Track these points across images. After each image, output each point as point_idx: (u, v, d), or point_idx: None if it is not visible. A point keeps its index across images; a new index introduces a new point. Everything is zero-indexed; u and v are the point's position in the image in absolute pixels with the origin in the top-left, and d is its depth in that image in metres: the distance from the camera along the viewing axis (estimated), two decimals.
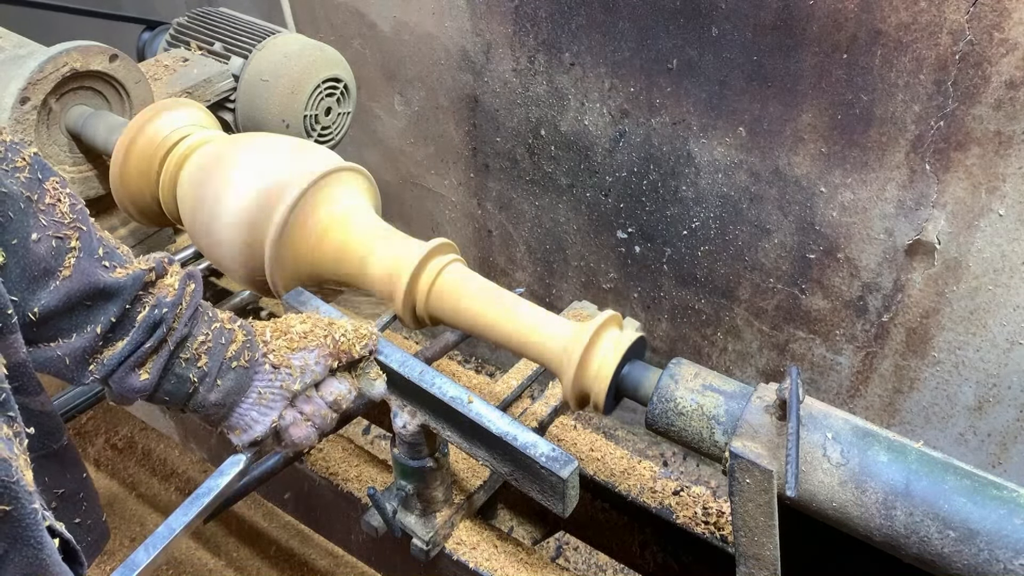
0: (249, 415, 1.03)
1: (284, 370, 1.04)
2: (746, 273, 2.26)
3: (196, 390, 0.99)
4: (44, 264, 0.88)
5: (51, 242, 0.88)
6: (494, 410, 1.12)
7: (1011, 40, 1.59)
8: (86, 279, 0.90)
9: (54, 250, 0.88)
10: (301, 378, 1.04)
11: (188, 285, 1.00)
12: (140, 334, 0.94)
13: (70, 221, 0.91)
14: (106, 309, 0.92)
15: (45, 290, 0.88)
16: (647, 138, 2.23)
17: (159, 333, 0.95)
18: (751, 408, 1.03)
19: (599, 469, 1.53)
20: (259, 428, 1.04)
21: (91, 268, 0.91)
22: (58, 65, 1.50)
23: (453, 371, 1.77)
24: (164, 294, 0.97)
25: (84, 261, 0.90)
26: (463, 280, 1.23)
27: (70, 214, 0.91)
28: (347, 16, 2.66)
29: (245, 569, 2.53)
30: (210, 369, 0.99)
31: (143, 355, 0.95)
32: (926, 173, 1.83)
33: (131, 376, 0.95)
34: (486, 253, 2.90)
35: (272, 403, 1.04)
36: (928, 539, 0.91)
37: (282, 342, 1.06)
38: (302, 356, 1.05)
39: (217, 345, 1.00)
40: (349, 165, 1.34)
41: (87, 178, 1.65)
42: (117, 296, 0.93)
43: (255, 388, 1.03)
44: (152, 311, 0.95)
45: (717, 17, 1.92)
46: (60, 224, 0.90)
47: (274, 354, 1.05)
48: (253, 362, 1.03)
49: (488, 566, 1.34)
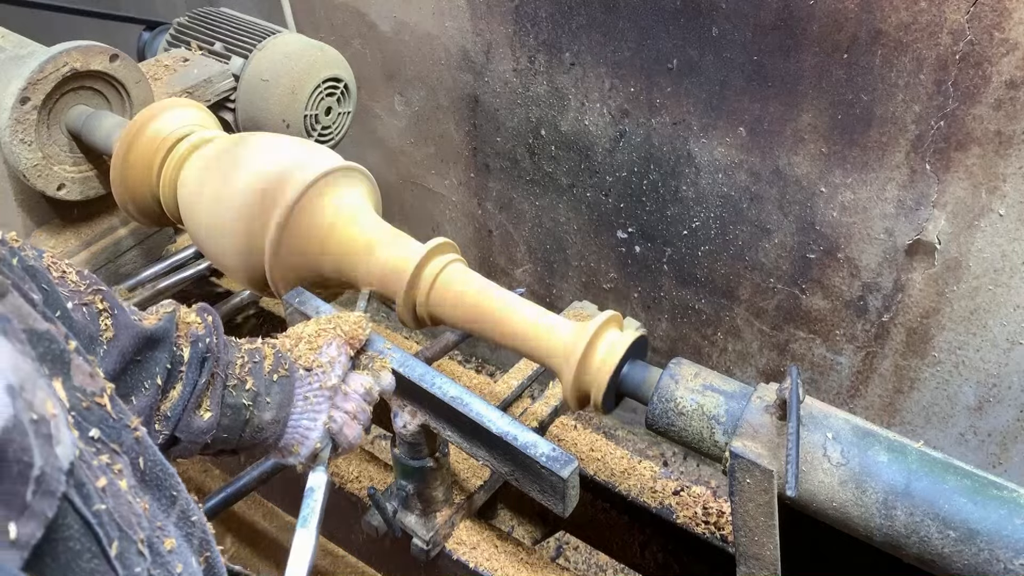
0: (301, 424, 1.04)
1: (317, 370, 1.06)
2: (746, 273, 2.26)
3: (252, 414, 0.99)
4: (88, 331, 0.84)
5: (82, 310, 0.84)
6: (494, 410, 1.12)
7: (1011, 40, 1.59)
8: (132, 331, 0.87)
9: (87, 316, 0.85)
10: (334, 371, 1.06)
11: (208, 317, 1.01)
12: (193, 373, 0.93)
13: (86, 288, 0.87)
14: (157, 359, 0.90)
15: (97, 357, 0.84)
16: (647, 138, 2.23)
17: (208, 366, 0.95)
18: (751, 408, 1.03)
19: (599, 469, 1.53)
20: (314, 435, 1.05)
21: (129, 321, 0.88)
22: (58, 65, 1.50)
23: (453, 371, 1.77)
24: (196, 330, 0.96)
25: (120, 316, 0.87)
26: (463, 280, 1.23)
27: (83, 282, 0.87)
28: (347, 16, 2.66)
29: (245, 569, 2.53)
30: (258, 388, 1.00)
31: (200, 393, 0.94)
32: (926, 173, 1.82)
33: (195, 419, 0.94)
34: (486, 253, 2.90)
35: (318, 405, 1.05)
36: (928, 539, 0.91)
37: (303, 346, 1.08)
38: (325, 352, 1.07)
39: (255, 364, 1.01)
40: (349, 165, 1.34)
41: (87, 178, 1.65)
42: (164, 340, 0.91)
43: (299, 394, 1.04)
44: (196, 347, 0.94)
45: (717, 17, 1.92)
46: (79, 292, 0.86)
47: (302, 359, 1.07)
48: (291, 369, 1.04)
49: (488, 566, 1.34)
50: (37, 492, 0.46)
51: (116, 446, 0.64)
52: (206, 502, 1.27)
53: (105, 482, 0.57)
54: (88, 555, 0.52)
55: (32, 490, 0.45)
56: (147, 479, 0.69)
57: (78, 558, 0.51)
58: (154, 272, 1.73)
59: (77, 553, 0.51)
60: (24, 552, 0.44)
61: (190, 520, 0.72)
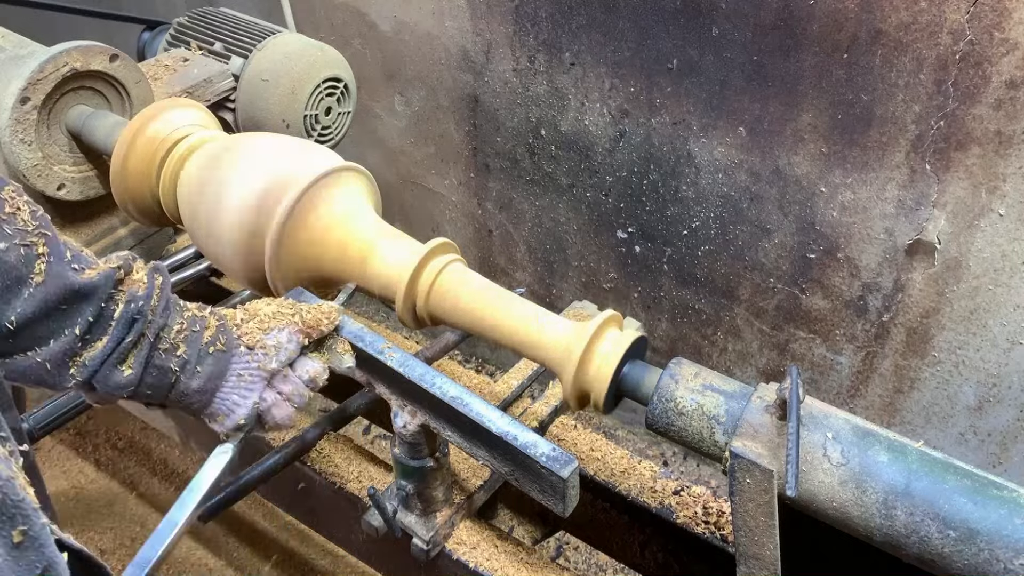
0: (230, 398, 1.05)
1: (259, 350, 1.06)
2: (746, 273, 2.26)
3: (178, 379, 1.01)
4: (16, 272, 0.88)
5: (19, 250, 0.89)
6: (494, 410, 1.12)
7: (1011, 40, 1.59)
8: (61, 281, 0.91)
9: (23, 258, 0.89)
10: (276, 356, 1.07)
11: (156, 278, 1.02)
12: (120, 330, 0.96)
13: (34, 228, 0.91)
14: (82, 310, 0.93)
15: (19, 298, 0.89)
16: (647, 138, 2.23)
17: (138, 327, 0.97)
18: (751, 408, 1.03)
19: (599, 469, 1.53)
20: (241, 411, 1.06)
21: (63, 271, 0.92)
22: (58, 65, 1.50)
23: (453, 371, 1.77)
24: (136, 289, 0.98)
25: (55, 265, 0.91)
26: (463, 280, 1.23)
27: (32, 221, 0.91)
28: (347, 16, 2.66)
29: (245, 569, 2.53)
30: (189, 356, 1.01)
31: (124, 351, 0.96)
32: (926, 173, 1.83)
33: (114, 373, 0.96)
34: (486, 253, 2.90)
35: (252, 384, 1.06)
36: (928, 539, 0.91)
37: (253, 324, 1.08)
38: (274, 335, 1.07)
39: (193, 333, 1.03)
40: (349, 165, 1.34)
41: (87, 178, 1.65)
42: (92, 296, 0.94)
43: (234, 371, 1.05)
44: (128, 306, 0.96)
45: (717, 17, 1.92)
46: (24, 232, 0.90)
47: (247, 336, 1.07)
48: (229, 344, 1.05)
49: (488, 566, 1.33)
50: None
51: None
52: (206, 502, 1.26)
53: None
54: None
55: None
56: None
57: None
58: None
59: None
60: None
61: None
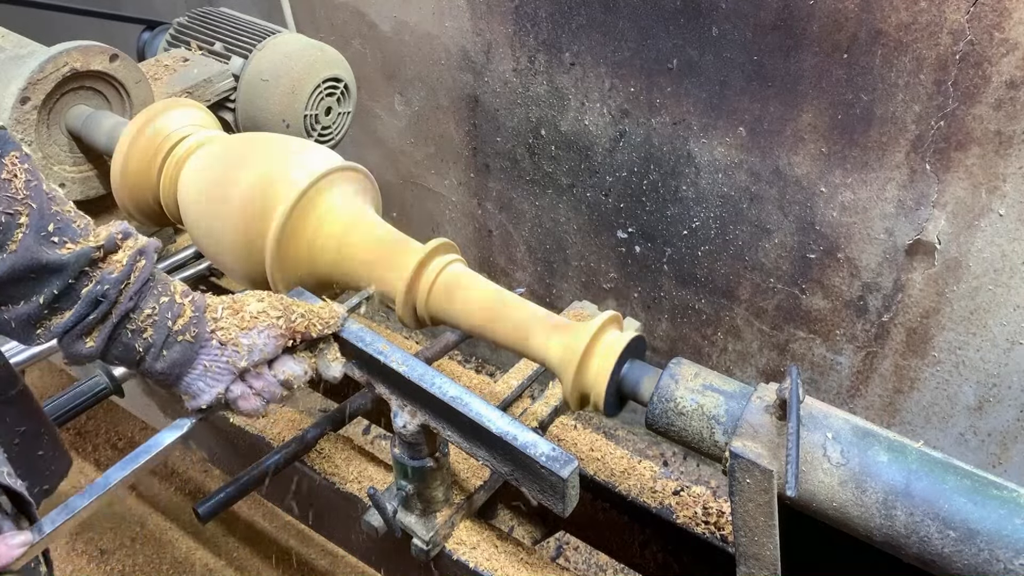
0: (196, 384, 1.08)
1: (231, 347, 1.08)
2: (746, 273, 2.26)
3: (143, 358, 1.04)
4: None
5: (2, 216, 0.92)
6: (494, 410, 1.11)
7: (1011, 40, 1.59)
8: (28, 255, 0.94)
9: (3, 225, 0.92)
10: (248, 356, 1.08)
11: (138, 261, 1.04)
12: (83, 307, 0.99)
13: (23, 197, 0.94)
14: (49, 282, 0.97)
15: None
16: (647, 138, 2.23)
17: (102, 307, 1.00)
18: (751, 408, 1.03)
19: (599, 469, 1.53)
20: (206, 397, 1.08)
21: (35, 246, 0.94)
22: (58, 65, 1.50)
23: (453, 371, 1.77)
24: (111, 270, 1.01)
25: (29, 238, 0.94)
26: (463, 280, 1.23)
27: (24, 190, 0.94)
28: (347, 16, 2.66)
29: (245, 569, 2.53)
30: (155, 341, 1.04)
31: (88, 325, 1.00)
32: (926, 173, 1.83)
33: (77, 343, 1.01)
34: (486, 253, 2.90)
35: (219, 376, 1.08)
36: (928, 539, 0.91)
37: (233, 321, 1.09)
38: (251, 336, 1.09)
39: (163, 319, 1.05)
40: (349, 165, 1.34)
41: (87, 178, 1.65)
42: (60, 272, 0.97)
43: (201, 361, 1.07)
44: (96, 286, 0.99)
45: (717, 17, 1.92)
46: (12, 199, 0.93)
47: (223, 332, 1.08)
48: (199, 337, 1.07)
49: (488, 566, 1.33)
50: None
51: None
52: (206, 502, 1.27)
53: None
54: None
55: None
56: None
57: None
58: None
59: None
60: None
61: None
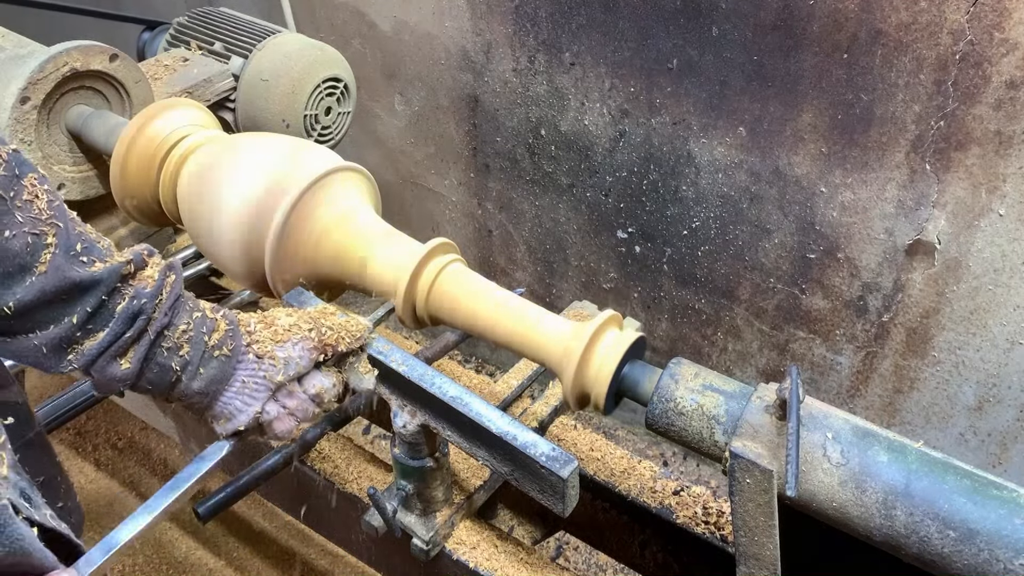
0: (232, 404, 1.04)
1: (268, 361, 1.05)
2: (746, 273, 2.26)
3: (179, 379, 1.00)
4: (19, 260, 0.89)
5: (27, 239, 0.90)
6: (494, 410, 1.12)
7: (1011, 40, 1.59)
8: (60, 275, 0.92)
9: (30, 246, 0.90)
10: (284, 370, 1.05)
11: (168, 276, 1.01)
12: (120, 324, 0.95)
13: (47, 217, 0.92)
14: (82, 301, 0.94)
15: (20, 285, 0.90)
16: (647, 138, 2.23)
17: (139, 323, 0.97)
18: (751, 408, 1.03)
19: (599, 469, 1.53)
20: (242, 417, 1.05)
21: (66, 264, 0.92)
22: (58, 65, 1.50)
23: (453, 371, 1.77)
24: (143, 285, 0.98)
25: (59, 258, 0.92)
26: (463, 280, 1.23)
27: (47, 211, 0.92)
28: (347, 16, 2.66)
29: (245, 569, 2.53)
30: (192, 358, 1.01)
31: (124, 345, 0.96)
32: (926, 173, 1.83)
33: (112, 365, 0.96)
34: (486, 253, 2.90)
35: (255, 393, 1.04)
36: (928, 539, 0.91)
37: (267, 334, 1.07)
38: (286, 348, 1.06)
39: (199, 334, 1.02)
40: (349, 165, 1.34)
41: (87, 178, 1.65)
42: (93, 289, 0.94)
43: (238, 377, 1.04)
44: (131, 302, 0.96)
45: (717, 17, 1.92)
46: (37, 220, 0.91)
47: (258, 345, 1.06)
48: (236, 351, 1.04)
49: (488, 566, 1.34)
50: None
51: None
52: (206, 502, 1.26)
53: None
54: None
55: None
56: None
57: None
58: None
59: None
60: None
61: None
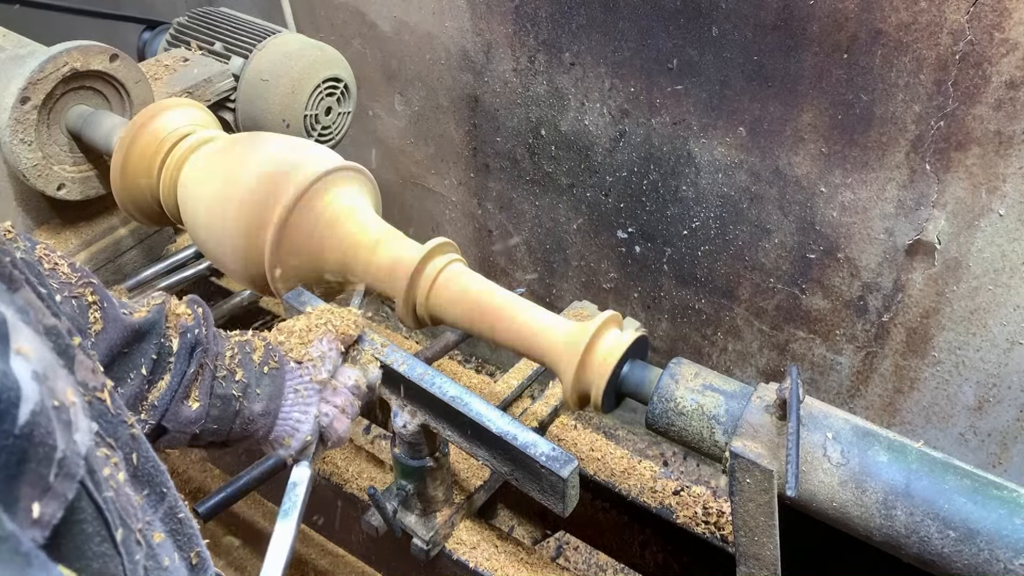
0: (292, 416, 1.04)
1: (307, 363, 1.06)
2: (746, 273, 2.26)
3: (242, 405, 1.00)
4: (77, 324, 0.85)
5: (71, 302, 0.86)
6: (494, 410, 1.12)
7: (1011, 40, 1.59)
8: (120, 324, 0.89)
9: (76, 310, 0.86)
10: (324, 366, 1.07)
11: (198, 309, 1.02)
12: (182, 363, 0.94)
13: (77, 280, 0.89)
14: (144, 350, 0.92)
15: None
16: (647, 138, 2.23)
17: (197, 356, 0.96)
18: (751, 408, 1.03)
19: (599, 469, 1.53)
20: (305, 427, 1.05)
21: (117, 314, 0.90)
22: (58, 65, 1.50)
23: (453, 371, 1.77)
24: (185, 321, 0.98)
25: (109, 309, 0.89)
26: (463, 280, 1.23)
27: (74, 274, 0.89)
28: (347, 16, 2.66)
29: (245, 569, 2.53)
30: (248, 380, 1.01)
31: (188, 383, 0.95)
32: (926, 173, 1.82)
33: (183, 408, 0.95)
34: (486, 253, 2.90)
35: (309, 398, 1.05)
36: (928, 539, 0.91)
37: (294, 339, 1.09)
38: (317, 346, 1.08)
39: (245, 356, 1.02)
40: (349, 164, 1.34)
41: (87, 178, 1.65)
42: (151, 332, 0.92)
43: (290, 387, 1.05)
44: (184, 337, 0.96)
45: (717, 17, 1.92)
46: (70, 285, 0.88)
47: (293, 352, 1.07)
48: (281, 362, 1.05)
49: (488, 566, 1.34)
50: (59, 475, 0.48)
51: (112, 440, 0.65)
52: (206, 502, 1.26)
53: (108, 472, 0.59)
54: (99, 538, 0.54)
55: (55, 472, 0.47)
56: (139, 475, 0.70)
57: (90, 540, 0.53)
58: (154, 272, 1.74)
59: (89, 536, 0.53)
60: (46, 531, 0.46)
61: (177, 517, 0.73)
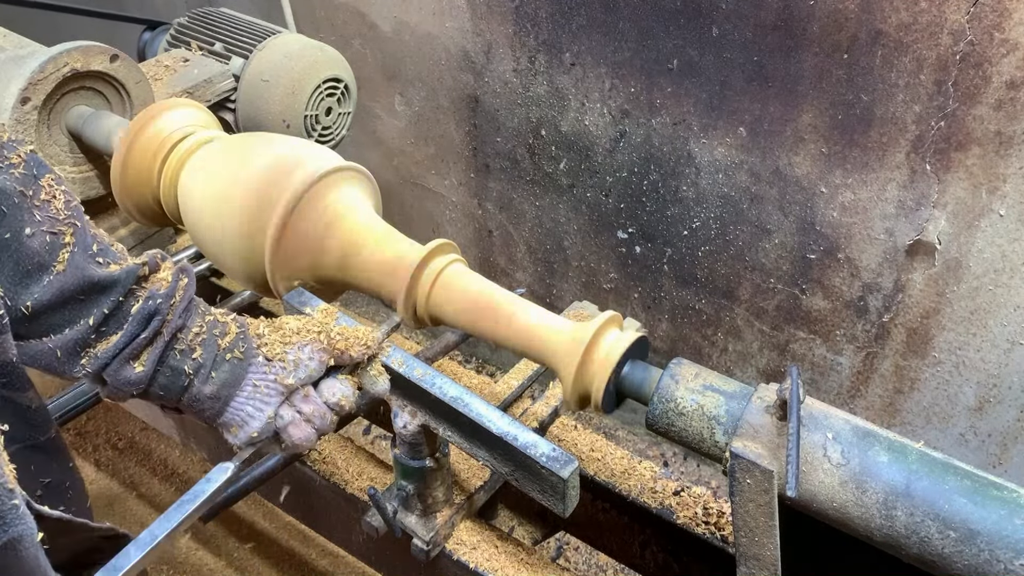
0: (244, 409, 1.02)
1: (278, 363, 1.03)
2: (746, 273, 2.26)
3: (191, 382, 0.99)
4: (38, 259, 0.89)
5: (45, 237, 0.90)
6: (494, 410, 1.12)
7: (1012, 40, 1.59)
8: (80, 273, 0.91)
9: (48, 245, 0.90)
10: (295, 372, 1.03)
11: (181, 279, 1.01)
12: (135, 326, 0.95)
13: (65, 217, 0.92)
14: (99, 302, 0.94)
15: (38, 285, 0.90)
16: (647, 138, 2.23)
17: (154, 324, 0.96)
18: (752, 408, 1.03)
19: (599, 469, 1.53)
20: (255, 423, 1.02)
21: (85, 263, 0.92)
22: (59, 65, 1.50)
23: (454, 371, 1.77)
24: (158, 287, 0.98)
25: (78, 256, 0.92)
26: (464, 280, 1.23)
27: (65, 211, 0.93)
28: (348, 16, 2.66)
29: (245, 569, 2.53)
30: (205, 360, 1.00)
31: (138, 347, 0.95)
32: (926, 173, 1.83)
33: (126, 368, 0.95)
34: (486, 253, 2.90)
35: (267, 397, 1.02)
36: (929, 539, 0.91)
37: (276, 337, 1.06)
38: (295, 351, 1.04)
39: (211, 336, 1.01)
40: (350, 165, 1.34)
41: (88, 178, 1.65)
42: (111, 289, 0.94)
43: (249, 380, 1.02)
44: (147, 303, 0.96)
45: (718, 17, 1.92)
46: (55, 220, 0.91)
47: (267, 348, 1.04)
48: (247, 354, 1.02)
49: (488, 566, 1.34)
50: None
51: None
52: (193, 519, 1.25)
53: None
54: None
55: None
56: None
57: None
58: None
59: None
60: None
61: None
